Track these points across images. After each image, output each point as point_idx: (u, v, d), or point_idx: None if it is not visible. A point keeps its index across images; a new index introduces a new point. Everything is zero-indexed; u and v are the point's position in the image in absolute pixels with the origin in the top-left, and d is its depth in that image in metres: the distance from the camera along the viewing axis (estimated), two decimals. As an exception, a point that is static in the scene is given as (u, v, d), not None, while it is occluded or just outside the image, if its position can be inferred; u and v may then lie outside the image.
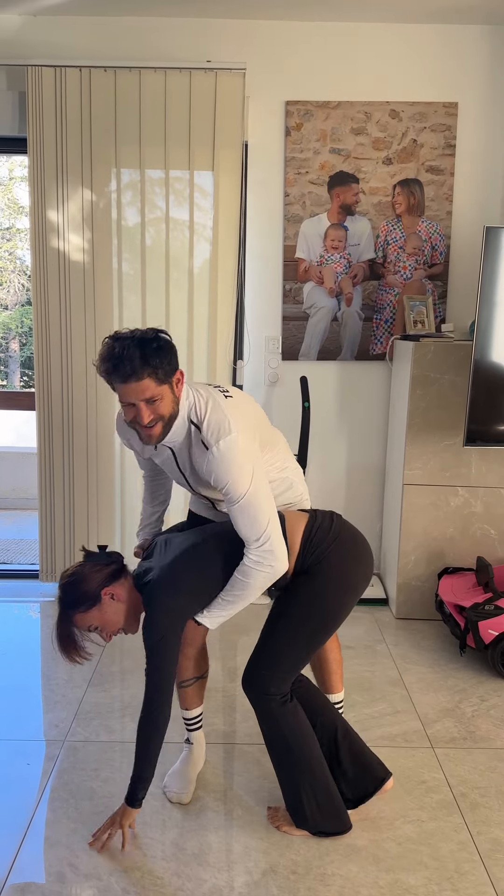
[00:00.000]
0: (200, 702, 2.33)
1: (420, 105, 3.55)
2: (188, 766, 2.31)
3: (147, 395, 1.82)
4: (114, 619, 1.96)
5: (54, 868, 1.97)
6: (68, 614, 1.94)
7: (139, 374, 1.79)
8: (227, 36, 3.50)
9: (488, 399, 3.11)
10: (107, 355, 1.82)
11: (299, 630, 2.01)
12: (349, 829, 2.09)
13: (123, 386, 1.82)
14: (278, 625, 2.02)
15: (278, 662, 2.01)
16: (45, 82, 3.39)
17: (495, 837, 2.12)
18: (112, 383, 1.85)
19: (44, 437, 3.68)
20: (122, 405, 1.87)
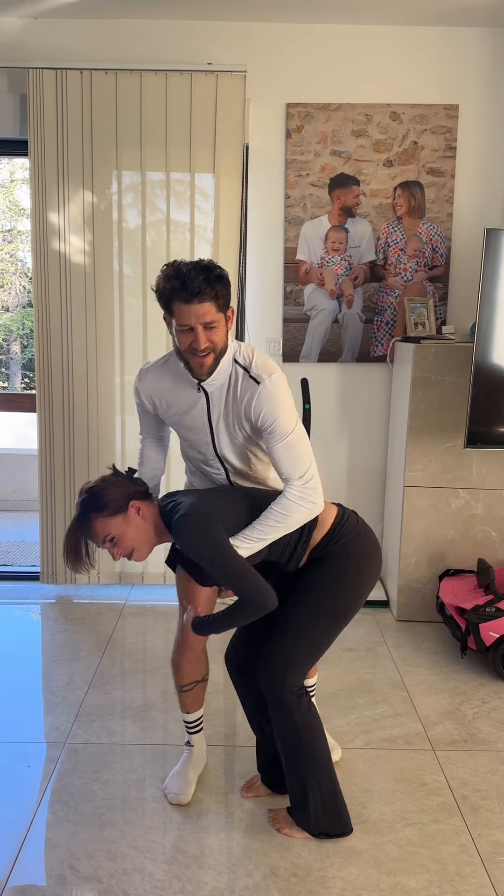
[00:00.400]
0: (201, 705, 2.33)
1: (421, 107, 3.55)
2: (188, 767, 2.31)
3: (207, 318, 1.83)
4: (133, 535, 1.90)
5: (55, 870, 1.97)
6: (89, 517, 1.87)
7: (202, 296, 1.81)
8: (227, 38, 3.51)
9: (489, 401, 3.11)
10: (172, 275, 1.83)
11: (319, 620, 1.99)
12: (350, 832, 2.09)
13: (186, 307, 1.82)
14: (297, 614, 1.99)
15: (296, 653, 1.99)
16: (46, 85, 3.40)
17: (496, 840, 2.11)
18: (171, 306, 1.85)
19: (45, 438, 3.69)
20: (178, 332, 1.86)
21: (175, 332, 1.88)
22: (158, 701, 2.79)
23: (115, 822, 2.15)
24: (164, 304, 1.87)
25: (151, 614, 3.56)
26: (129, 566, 3.83)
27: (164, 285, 1.84)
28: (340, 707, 2.74)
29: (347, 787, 2.32)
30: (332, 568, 2.00)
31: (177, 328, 1.86)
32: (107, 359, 3.65)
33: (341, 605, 2.00)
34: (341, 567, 1.99)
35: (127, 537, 1.90)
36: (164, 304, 1.87)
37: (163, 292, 1.85)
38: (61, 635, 3.33)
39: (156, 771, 2.39)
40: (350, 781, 2.35)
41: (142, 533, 1.92)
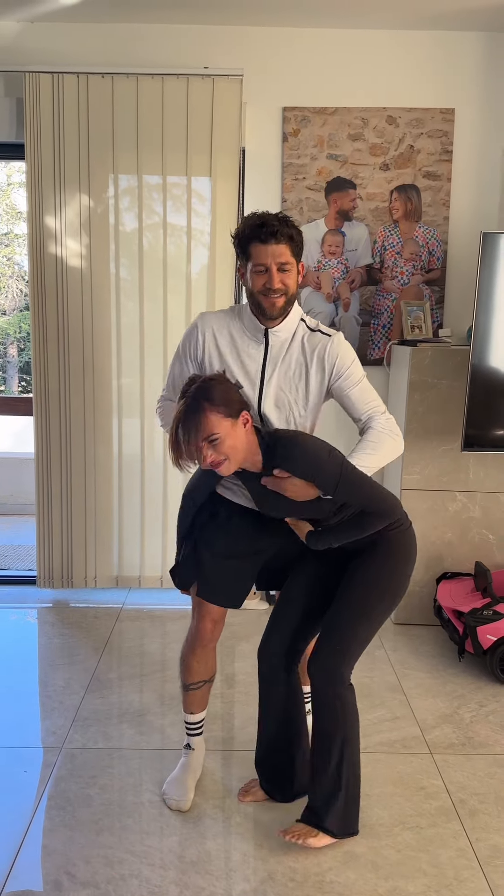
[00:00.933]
0: (205, 706, 2.32)
1: (417, 111, 3.56)
2: (187, 773, 2.29)
3: (282, 259, 1.93)
4: (233, 444, 1.84)
5: (51, 876, 1.96)
6: (203, 407, 1.81)
7: (279, 237, 1.91)
8: (224, 42, 3.51)
9: (486, 404, 3.11)
10: (253, 216, 1.95)
11: (371, 613, 1.99)
12: (357, 832, 2.09)
13: (263, 246, 1.92)
14: (352, 605, 1.99)
15: (351, 646, 1.99)
16: (42, 89, 3.40)
17: (494, 844, 2.11)
18: (248, 247, 1.94)
19: (41, 442, 3.68)
20: (253, 273, 1.95)
21: (249, 275, 1.97)
22: (156, 705, 2.79)
23: (112, 828, 2.14)
24: (241, 247, 1.97)
25: (148, 618, 3.55)
26: (126, 569, 3.82)
27: (244, 227, 1.95)
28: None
29: (345, 791, 2.32)
30: (384, 557, 2.00)
31: (252, 269, 1.95)
32: (103, 362, 3.64)
33: (391, 597, 2.02)
34: (392, 557, 2.00)
35: (227, 443, 1.83)
36: (241, 246, 1.96)
37: (242, 233, 1.95)
38: (58, 639, 3.32)
39: (153, 776, 2.38)
40: (348, 785, 2.35)
41: (241, 444, 1.85)
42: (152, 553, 3.80)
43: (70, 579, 3.80)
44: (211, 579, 2.17)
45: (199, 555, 2.17)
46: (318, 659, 1.99)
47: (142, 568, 3.81)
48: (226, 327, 2.05)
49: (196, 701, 2.29)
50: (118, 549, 3.81)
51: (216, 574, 2.16)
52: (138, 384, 3.67)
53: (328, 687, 1.98)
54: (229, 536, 2.15)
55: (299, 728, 2.20)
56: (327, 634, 2.00)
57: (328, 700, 1.99)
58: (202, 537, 2.17)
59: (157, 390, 3.65)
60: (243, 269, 2.00)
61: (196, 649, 2.23)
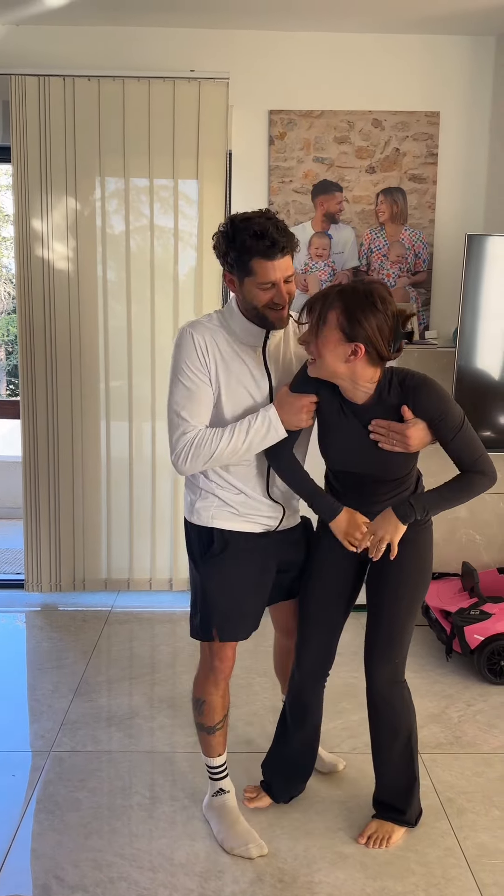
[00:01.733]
0: (225, 747, 2.18)
1: (402, 114, 3.58)
2: (239, 817, 2.13)
3: (288, 272, 1.82)
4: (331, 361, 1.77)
5: (40, 880, 1.95)
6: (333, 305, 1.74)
7: (285, 252, 1.80)
8: (210, 45, 3.52)
9: (472, 405, 3.13)
10: (261, 233, 1.77)
11: (411, 609, 2.03)
12: None
13: (269, 263, 1.78)
14: (394, 608, 2.01)
15: (402, 646, 2.04)
16: (28, 91, 3.40)
17: (482, 843, 2.12)
18: (251, 263, 1.79)
19: (29, 445, 3.67)
20: (258, 289, 1.81)
21: (250, 289, 1.83)
22: (144, 708, 2.78)
23: (100, 831, 2.14)
24: (241, 262, 1.81)
25: (137, 621, 3.55)
26: (114, 572, 3.81)
27: (253, 244, 1.77)
28: (327, 712, 2.72)
29: (334, 791, 2.32)
30: (413, 554, 2.00)
31: (258, 286, 1.81)
32: (91, 365, 3.64)
33: (424, 588, 2.06)
34: (420, 552, 2.02)
35: (326, 357, 1.77)
36: (242, 262, 1.80)
37: (241, 247, 1.78)
38: (46, 643, 3.31)
39: (142, 778, 2.38)
40: (337, 786, 2.35)
41: (341, 367, 1.78)
42: (141, 556, 3.80)
43: (58, 583, 3.79)
44: (232, 620, 2.04)
45: (211, 600, 2.03)
46: (375, 665, 2.04)
47: (130, 571, 3.81)
48: (219, 335, 1.91)
49: (222, 740, 2.14)
50: (106, 552, 3.80)
51: (235, 613, 2.04)
52: (126, 387, 3.66)
53: (390, 689, 2.05)
54: (238, 569, 2.01)
55: (318, 736, 2.25)
56: (377, 639, 2.03)
57: (392, 700, 2.05)
58: (211, 582, 2.03)
59: (146, 392, 3.66)
60: (236, 280, 1.85)
61: (220, 683, 2.09)
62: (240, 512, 2.00)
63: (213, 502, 1.99)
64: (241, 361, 1.91)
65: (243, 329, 1.91)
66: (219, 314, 1.97)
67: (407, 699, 2.09)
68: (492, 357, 3.12)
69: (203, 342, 1.89)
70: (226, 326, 1.93)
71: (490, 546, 3.47)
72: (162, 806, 2.25)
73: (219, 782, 2.18)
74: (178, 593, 3.77)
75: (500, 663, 2.96)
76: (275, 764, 2.24)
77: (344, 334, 1.75)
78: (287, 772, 2.23)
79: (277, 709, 2.74)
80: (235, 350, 1.91)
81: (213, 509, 2.00)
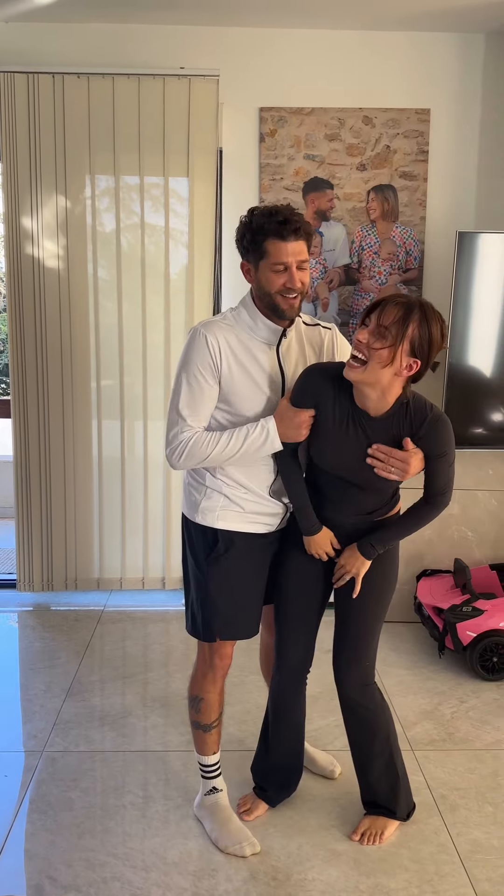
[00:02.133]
0: (219, 745, 2.19)
1: (393, 111, 3.58)
2: (232, 815, 2.15)
3: (302, 256, 1.84)
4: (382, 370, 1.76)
5: (33, 881, 1.95)
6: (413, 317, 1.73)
7: (299, 233, 1.83)
8: (200, 43, 3.51)
9: (463, 402, 3.14)
10: (273, 211, 1.82)
11: (378, 615, 2.05)
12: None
13: (283, 244, 1.81)
14: (362, 614, 2.03)
15: (370, 649, 2.06)
16: (17, 89, 3.38)
17: (475, 839, 2.13)
18: (265, 244, 1.82)
19: (20, 444, 3.65)
20: (271, 272, 1.83)
21: (264, 274, 1.85)
22: (137, 707, 2.78)
23: (93, 831, 2.13)
24: (253, 243, 1.84)
25: (130, 620, 3.54)
26: (107, 572, 3.81)
27: (266, 221, 1.81)
28: (320, 709, 2.74)
29: (326, 789, 2.33)
30: (382, 564, 2.03)
31: (270, 268, 1.84)
32: (82, 364, 3.63)
33: (389, 594, 2.08)
34: (388, 562, 2.05)
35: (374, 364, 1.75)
36: (254, 242, 1.84)
37: (257, 227, 1.82)
38: (38, 643, 3.30)
39: (135, 778, 2.37)
40: (329, 783, 2.36)
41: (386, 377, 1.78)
42: (133, 555, 3.79)
43: (50, 582, 3.78)
44: (233, 619, 2.05)
45: (214, 600, 2.04)
46: (344, 670, 2.05)
47: (123, 570, 3.80)
48: (232, 335, 1.91)
49: (216, 739, 2.15)
50: (99, 551, 3.79)
51: (237, 613, 2.05)
52: (118, 385, 3.65)
53: (361, 692, 2.06)
54: (240, 570, 2.03)
55: (303, 735, 2.26)
56: (344, 646, 2.06)
57: (365, 702, 2.06)
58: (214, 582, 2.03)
59: (137, 391, 3.65)
60: (251, 266, 1.88)
61: (217, 681, 2.10)
62: (245, 511, 2.00)
63: (219, 502, 1.99)
64: (254, 359, 1.92)
65: (259, 324, 1.92)
66: (233, 313, 1.97)
67: (379, 699, 2.10)
68: (483, 354, 3.13)
69: (216, 343, 1.89)
70: (240, 324, 1.94)
71: (482, 543, 3.48)
72: (155, 805, 2.25)
73: (211, 781, 2.18)
74: (170, 592, 3.77)
75: (493, 660, 2.97)
76: (264, 767, 2.24)
77: (412, 347, 1.75)
78: (277, 776, 2.23)
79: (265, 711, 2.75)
80: (248, 348, 1.92)
81: (218, 510, 1.99)
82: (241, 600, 2.04)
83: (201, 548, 2.03)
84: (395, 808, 2.12)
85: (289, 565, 2.09)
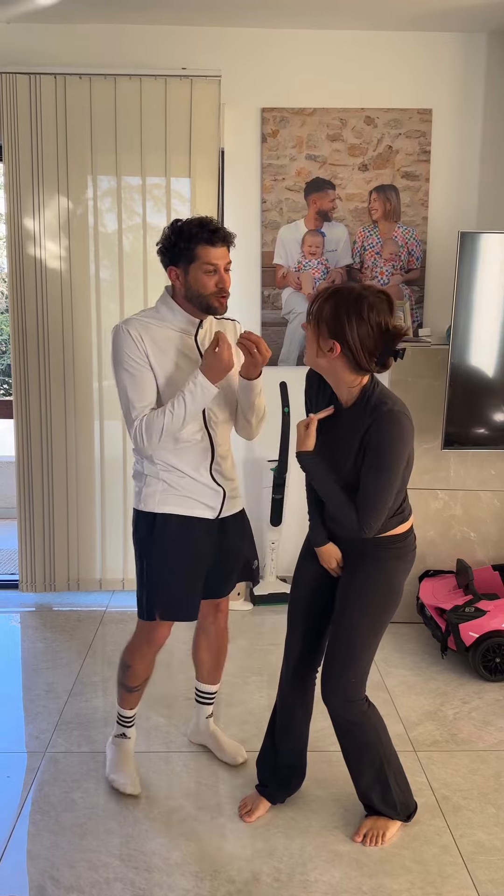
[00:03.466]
0: (139, 703, 2.39)
1: (395, 112, 3.58)
2: (130, 759, 2.37)
3: (227, 260, 2.08)
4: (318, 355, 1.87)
5: (35, 882, 1.95)
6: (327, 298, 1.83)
7: (226, 241, 2.06)
8: (202, 43, 3.51)
9: (465, 402, 3.13)
10: (203, 221, 2.03)
11: (368, 631, 2.01)
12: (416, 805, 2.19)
13: (214, 249, 2.03)
14: (347, 631, 2.01)
15: (356, 667, 2.02)
16: (19, 89, 3.38)
17: (478, 840, 2.12)
18: (196, 250, 2.02)
19: (22, 445, 3.66)
20: (203, 274, 2.03)
21: (196, 277, 2.04)
22: (140, 708, 2.77)
23: (96, 832, 2.13)
24: (187, 250, 2.02)
25: (132, 621, 3.51)
26: (109, 572, 3.81)
27: (198, 231, 2.01)
28: (322, 709, 2.73)
29: (329, 790, 2.32)
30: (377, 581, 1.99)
31: (202, 269, 2.03)
32: (84, 364, 3.63)
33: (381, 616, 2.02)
34: (383, 580, 2.00)
35: (311, 345, 1.89)
36: (188, 249, 2.02)
37: (192, 237, 2.01)
38: (41, 643, 3.30)
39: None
40: (331, 784, 2.35)
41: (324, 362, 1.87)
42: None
43: (53, 583, 3.78)
44: (173, 601, 2.18)
45: (155, 582, 2.16)
46: (325, 685, 2.04)
47: (125, 570, 3.80)
48: (151, 327, 2.09)
49: (137, 698, 2.36)
50: (101, 551, 3.79)
51: (176, 595, 2.18)
52: (119, 386, 3.65)
53: (343, 709, 2.04)
54: (180, 553, 2.16)
55: (306, 736, 2.25)
56: (329, 661, 2.04)
57: (349, 718, 2.05)
58: (154, 564, 2.16)
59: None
60: (180, 271, 2.05)
61: (147, 656, 2.27)
62: (184, 495, 2.15)
63: (159, 487, 2.15)
64: (174, 347, 2.11)
65: (178, 316, 2.11)
66: (150, 311, 2.15)
67: (368, 714, 2.06)
68: (485, 354, 3.12)
69: (137, 334, 2.06)
70: (158, 318, 2.12)
71: (484, 543, 3.47)
72: (157, 806, 2.25)
73: (125, 728, 2.38)
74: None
75: (495, 660, 2.96)
76: (269, 762, 2.24)
77: (328, 329, 1.82)
78: (281, 773, 2.23)
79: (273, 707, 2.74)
80: (168, 337, 2.10)
81: (158, 495, 2.15)
82: (180, 583, 2.18)
83: (143, 532, 2.19)
84: (389, 814, 2.11)
85: (302, 569, 2.16)
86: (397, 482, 1.87)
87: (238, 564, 2.31)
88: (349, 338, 1.79)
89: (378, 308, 1.79)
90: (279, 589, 3.74)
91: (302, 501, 3.85)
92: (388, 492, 1.85)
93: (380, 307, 1.79)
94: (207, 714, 2.52)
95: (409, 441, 1.87)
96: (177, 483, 2.14)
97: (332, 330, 1.81)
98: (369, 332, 1.79)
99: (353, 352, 1.80)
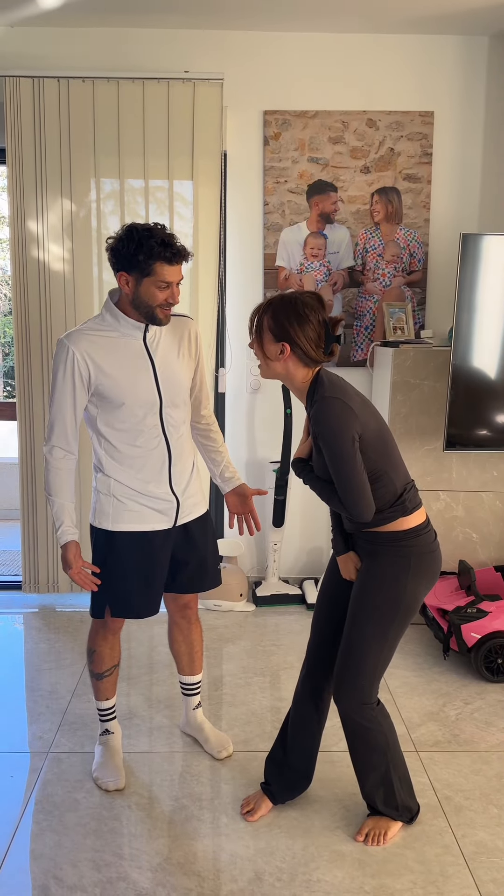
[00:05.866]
0: (115, 691, 2.45)
1: (397, 114, 3.59)
2: (115, 755, 2.41)
3: (181, 276, 2.12)
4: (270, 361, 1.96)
5: (39, 881, 1.96)
6: (265, 310, 1.94)
7: (184, 259, 2.10)
8: (204, 46, 3.52)
9: (467, 404, 3.14)
10: (167, 241, 2.05)
11: (376, 636, 2.01)
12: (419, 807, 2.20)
13: (171, 267, 2.07)
14: (354, 636, 2.01)
15: (364, 672, 2.01)
16: (23, 93, 3.40)
17: (479, 840, 2.13)
18: (153, 266, 2.04)
19: (25, 447, 3.67)
20: (155, 288, 2.07)
21: (147, 289, 2.07)
22: (143, 708, 2.79)
23: (99, 831, 2.14)
24: (145, 264, 2.04)
25: (134, 621, 3.55)
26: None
27: (157, 249, 2.03)
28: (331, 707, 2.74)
29: (331, 790, 2.33)
30: (384, 585, 1.99)
31: (156, 285, 2.07)
32: (87, 366, 3.63)
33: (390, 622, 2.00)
34: (390, 585, 1.99)
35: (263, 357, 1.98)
36: (146, 264, 2.04)
37: (151, 254, 2.03)
38: (44, 644, 3.31)
39: (141, 778, 2.38)
40: (334, 784, 2.36)
41: (277, 366, 1.96)
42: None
43: (56, 584, 3.79)
44: (122, 601, 2.25)
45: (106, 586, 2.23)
46: (336, 686, 2.05)
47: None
48: (96, 336, 2.13)
49: (109, 686, 2.41)
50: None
51: (126, 597, 2.25)
52: (122, 388, 3.66)
53: (355, 713, 2.04)
54: (132, 564, 2.22)
55: (318, 742, 2.24)
56: (340, 663, 2.05)
57: (358, 723, 2.05)
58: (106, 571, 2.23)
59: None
60: (132, 278, 2.07)
61: (108, 637, 2.33)
62: (137, 510, 2.21)
63: (111, 503, 2.21)
64: (123, 354, 2.15)
65: (122, 322, 2.14)
66: (96, 320, 2.18)
67: (378, 718, 2.05)
68: (487, 356, 3.13)
69: (81, 355, 2.10)
70: (104, 326, 2.15)
71: (487, 544, 3.48)
72: (160, 806, 2.26)
73: (106, 724, 2.44)
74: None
75: (497, 661, 2.97)
76: (277, 761, 2.24)
77: (273, 335, 1.93)
78: (288, 774, 2.23)
79: (276, 708, 2.76)
80: (116, 345, 2.14)
81: (111, 512, 2.21)
82: (132, 589, 2.24)
83: (101, 549, 2.25)
84: (392, 815, 2.12)
85: (327, 575, 2.21)
86: (354, 461, 1.86)
87: (201, 568, 2.35)
88: (296, 337, 1.90)
89: (312, 306, 1.92)
90: (281, 590, 3.75)
91: (304, 502, 3.88)
92: (351, 473, 1.87)
93: (314, 305, 1.92)
94: (194, 705, 2.56)
95: (345, 419, 1.86)
96: (129, 498, 2.20)
97: (279, 335, 1.92)
98: (312, 326, 1.91)
99: (302, 347, 1.91)
